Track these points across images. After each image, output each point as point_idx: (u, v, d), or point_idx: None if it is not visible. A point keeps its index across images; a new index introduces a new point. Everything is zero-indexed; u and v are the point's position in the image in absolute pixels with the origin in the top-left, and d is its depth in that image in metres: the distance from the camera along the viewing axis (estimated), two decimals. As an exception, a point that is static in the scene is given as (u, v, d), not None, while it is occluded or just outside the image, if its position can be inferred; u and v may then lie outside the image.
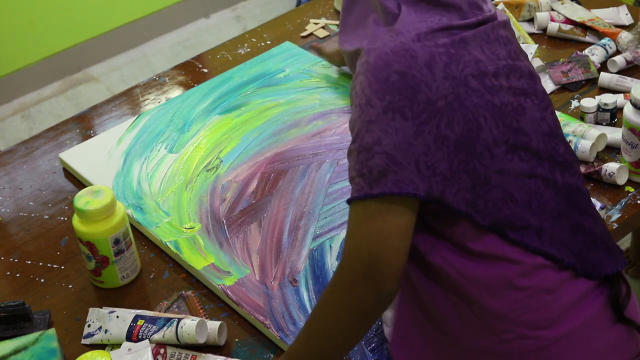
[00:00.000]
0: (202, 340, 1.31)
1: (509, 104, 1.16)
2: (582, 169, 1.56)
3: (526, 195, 1.16)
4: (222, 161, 1.66)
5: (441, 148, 1.11)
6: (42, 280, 1.49)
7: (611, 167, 1.54)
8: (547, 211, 1.17)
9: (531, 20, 1.99)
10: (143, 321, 1.34)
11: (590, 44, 1.89)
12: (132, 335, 1.33)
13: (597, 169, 1.55)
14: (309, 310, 1.35)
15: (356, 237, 1.11)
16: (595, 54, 1.84)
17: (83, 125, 1.84)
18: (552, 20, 1.94)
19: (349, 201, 1.13)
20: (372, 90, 1.12)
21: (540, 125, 1.19)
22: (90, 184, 1.63)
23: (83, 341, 1.36)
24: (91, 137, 1.79)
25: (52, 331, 1.34)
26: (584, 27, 1.93)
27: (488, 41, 1.20)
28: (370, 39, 1.19)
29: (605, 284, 1.21)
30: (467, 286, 1.15)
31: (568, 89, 1.79)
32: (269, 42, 2.02)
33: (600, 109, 1.68)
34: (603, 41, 1.86)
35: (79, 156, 1.71)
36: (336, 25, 2.04)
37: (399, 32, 1.16)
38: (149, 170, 1.66)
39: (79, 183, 1.69)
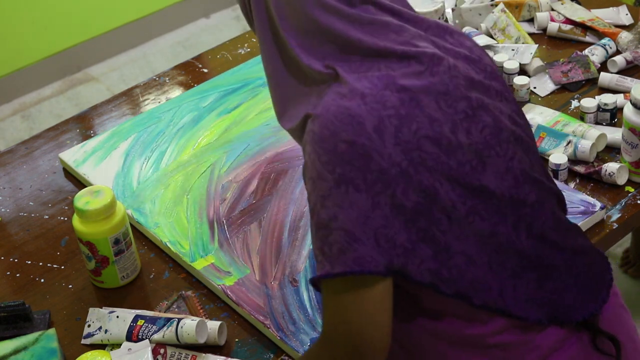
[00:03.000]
0: (202, 340, 1.31)
1: (468, 163, 1.09)
2: (582, 169, 1.56)
3: (486, 255, 1.10)
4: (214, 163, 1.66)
5: (398, 217, 1.05)
6: (42, 280, 1.49)
7: (611, 167, 1.54)
8: (509, 268, 1.12)
9: (531, 20, 1.99)
10: (143, 321, 1.34)
11: (590, 44, 1.89)
12: (132, 335, 1.33)
13: (597, 169, 1.55)
14: (309, 310, 1.35)
15: (334, 318, 1.06)
16: (595, 54, 1.84)
17: (83, 125, 1.84)
18: (552, 20, 1.94)
19: (312, 281, 1.08)
20: (321, 163, 1.05)
21: (505, 179, 1.12)
22: (90, 184, 1.63)
23: (83, 341, 1.36)
24: (91, 137, 1.79)
25: (52, 331, 1.34)
26: (584, 27, 1.93)
27: (446, 92, 1.10)
28: (312, 103, 1.10)
29: (584, 329, 1.17)
30: (438, 345, 1.13)
31: (568, 89, 1.79)
32: (269, 42, 2.01)
33: (600, 109, 1.68)
34: (603, 41, 1.86)
35: (79, 156, 1.71)
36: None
37: (342, 94, 1.07)
38: (149, 171, 1.66)
39: (79, 183, 1.69)
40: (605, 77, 1.77)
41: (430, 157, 1.06)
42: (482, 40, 1.86)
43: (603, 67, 1.83)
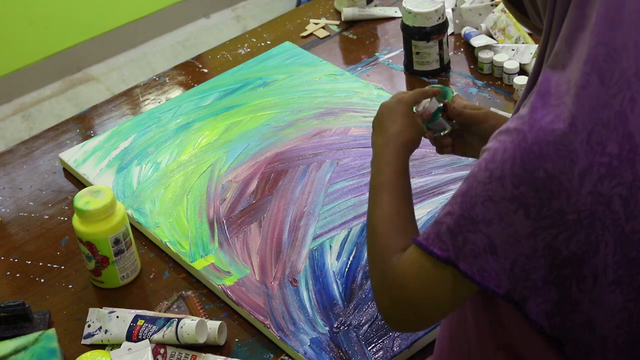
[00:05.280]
0: (202, 340, 1.31)
1: (638, 231, 1.00)
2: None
3: (608, 328, 1.06)
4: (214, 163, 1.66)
5: (546, 257, 0.99)
6: (42, 280, 1.49)
7: (611, 167, 1.54)
8: (618, 345, 1.06)
9: (531, 20, 1.99)
10: (143, 321, 1.34)
11: (590, 44, 1.89)
12: (132, 335, 1.33)
13: (597, 169, 1.55)
14: (309, 310, 1.35)
15: (415, 283, 1.04)
16: (595, 54, 1.83)
17: (83, 125, 1.84)
18: (552, 20, 1.94)
19: (419, 243, 1.03)
20: (512, 171, 0.97)
21: None
22: (90, 184, 1.63)
23: (83, 341, 1.36)
24: (91, 137, 1.79)
25: (52, 331, 1.34)
26: (584, 27, 1.93)
27: None
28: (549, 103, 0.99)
29: None
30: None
31: (568, 89, 1.79)
32: (269, 42, 2.02)
33: (600, 109, 1.68)
34: (603, 41, 1.86)
35: (79, 156, 1.71)
36: (336, 25, 2.05)
37: (572, 115, 0.96)
38: (149, 171, 1.66)
39: (79, 183, 1.69)
40: (605, 77, 1.77)
41: (611, 217, 0.99)
42: (482, 40, 1.86)
43: (603, 67, 1.83)
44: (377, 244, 1.12)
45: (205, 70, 1.96)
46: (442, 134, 1.31)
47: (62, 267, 1.51)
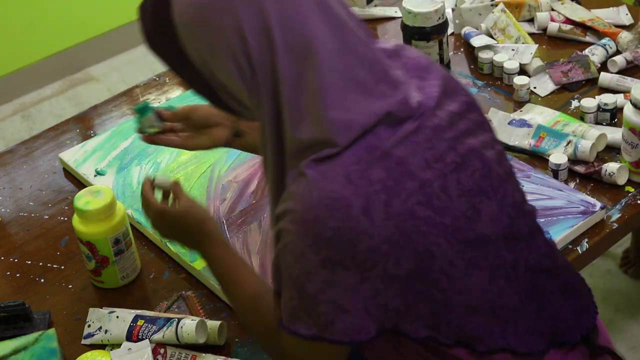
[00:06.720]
0: (202, 340, 1.31)
1: (462, 215, 1.05)
2: (582, 169, 1.56)
3: (487, 302, 1.08)
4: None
5: (391, 287, 1.02)
6: (42, 280, 1.49)
7: (611, 167, 1.54)
8: (510, 308, 1.09)
9: (531, 20, 1.99)
10: (143, 321, 1.34)
11: (590, 44, 1.89)
12: (132, 335, 1.33)
13: (597, 169, 1.55)
14: (309, 311, 1.35)
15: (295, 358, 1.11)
16: (595, 54, 1.83)
17: (83, 125, 1.84)
18: (552, 20, 1.94)
19: (285, 328, 1.07)
20: (304, 244, 1.01)
21: (500, 220, 1.08)
22: (90, 184, 1.63)
23: (83, 341, 1.36)
24: (91, 137, 1.79)
25: (52, 331, 1.34)
26: (584, 27, 1.93)
27: (430, 147, 1.04)
28: (291, 177, 1.04)
29: (582, 346, 1.16)
30: None
31: (568, 89, 1.79)
32: (269, 42, 2.01)
33: (600, 109, 1.68)
34: (603, 41, 1.86)
35: (79, 156, 1.71)
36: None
37: (324, 174, 1.00)
38: (149, 171, 1.66)
39: (79, 183, 1.68)
40: (605, 77, 1.77)
41: (423, 222, 1.02)
42: (482, 40, 1.86)
43: (603, 67, 1.83)
44: (255, 329, 1.19)
45: (205, 70, 1.95)
46: (150, 130, 1.43)
47: (62, 267, 1.51)
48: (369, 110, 1.02)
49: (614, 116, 1.68)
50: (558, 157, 1.56)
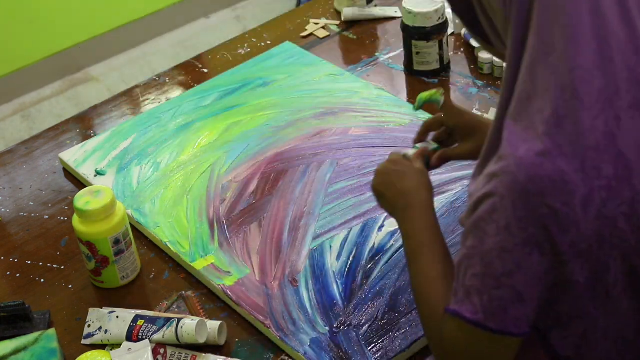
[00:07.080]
0: (202, 340, 1.31)
1: None
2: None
3: (622, 332, 1.04)
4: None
5: (567, 291, 1.00)
6: (42, 280, 1.49)
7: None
8: (627, 339, 1.06)
9: (531, 20, 1.99)
10: (143, 321, 1.34)
11: (590, 44, 1.89)
12: (132, 335, 1.33)
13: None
14: (309, 310, 1.35)
15: (463, 355, 1.06)
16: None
17: (83, 125, 1.84)
18: (552, 20, 1.94)
19: (450, 311, 1.03)
20: (515, 217, 0.96)
21: None
22: (90, 184, 1.64)
23: (83, 341, 1.36)
24: (91, 137, 1.79)
25: (52, 331, 1.34)
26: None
27: None
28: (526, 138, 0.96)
29: None
30: None
31: (568, 89, 1.79)
32: (269, 42, 2.02)
33: (600, 109, 1.68)
34: (603, 41, 1.86)
35: (79, 156, 1.71)
36: (336, 25, 2.05)
37: (558, 145, 0.94)
38: (149, 171, 1.66)
39: (79, 183, 1.69)
40: (605, 77, 1.77)
41: (617, 235, 0.97)
42: (482, 40, 1.86)
43: (603, 67, 1.83)
44: (423, 311, 1.14)
45: (205, 71, 1.96)
46: (430, 148, 1.35)
47: (62, 267, 1.51)
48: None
49: (614, 116, 1.68)
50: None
